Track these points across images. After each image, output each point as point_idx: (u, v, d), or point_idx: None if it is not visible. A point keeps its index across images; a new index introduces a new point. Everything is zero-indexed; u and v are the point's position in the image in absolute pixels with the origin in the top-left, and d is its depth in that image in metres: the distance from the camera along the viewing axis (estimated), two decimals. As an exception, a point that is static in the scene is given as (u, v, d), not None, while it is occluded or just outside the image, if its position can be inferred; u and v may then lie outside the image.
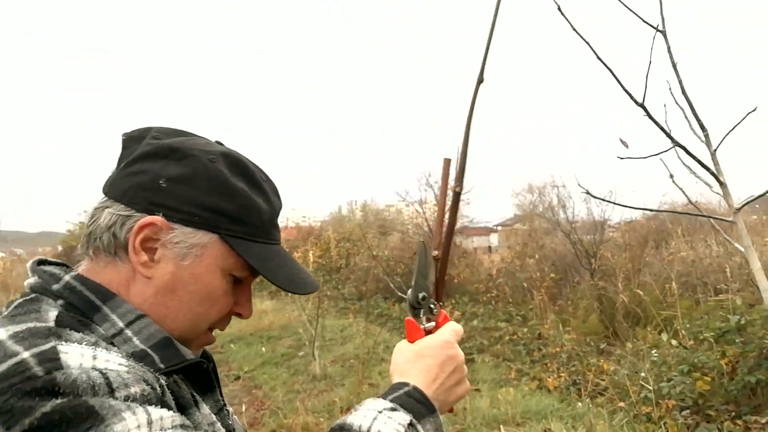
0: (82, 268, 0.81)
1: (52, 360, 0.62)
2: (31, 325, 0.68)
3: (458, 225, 16.91)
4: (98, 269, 0.80)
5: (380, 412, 0.76)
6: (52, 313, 0.71)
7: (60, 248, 19.62)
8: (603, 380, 5.43)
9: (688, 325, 5.39)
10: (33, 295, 0.76)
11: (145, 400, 0.65)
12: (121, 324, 0.75)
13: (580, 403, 4.45)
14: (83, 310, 0.75)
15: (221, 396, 0.91)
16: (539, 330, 8.17)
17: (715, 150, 2.55)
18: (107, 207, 0.79)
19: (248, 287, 0.88)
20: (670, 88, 2.50)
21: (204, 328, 0.84)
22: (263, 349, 7.87)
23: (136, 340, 0.75)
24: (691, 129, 2.60)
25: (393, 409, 0.76)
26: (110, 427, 0.60)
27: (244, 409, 5.42)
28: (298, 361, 7.02)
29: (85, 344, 0.67)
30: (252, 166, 0.86)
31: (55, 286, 0.76)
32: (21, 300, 0.76)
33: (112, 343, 0.73)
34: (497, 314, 9.76)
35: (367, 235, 18.46)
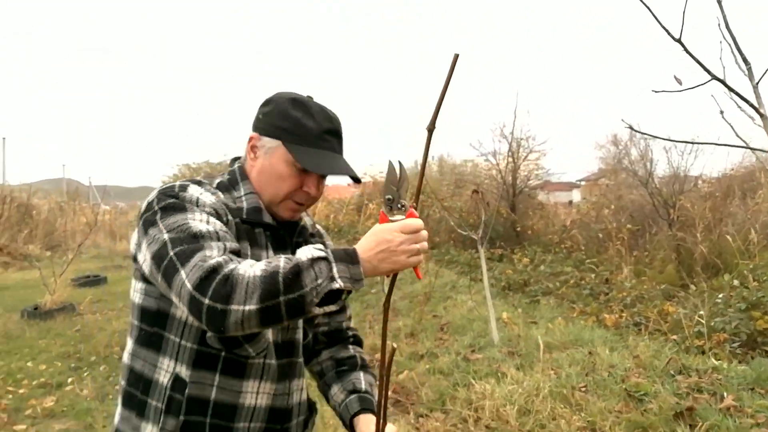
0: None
1: (184, 188, 1.24)
2: (199, 179, 1.33)
3: (538, 180, 16.67)
4: (244, 164, 1.38)
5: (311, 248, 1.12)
6: (219, 179, 1.35)
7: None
8: (666, 322, 5.52)
9: (751, 266, 5.35)
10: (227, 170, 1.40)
11: (211, 214, 1.21)
12: (242, 194, 1.33)
13: (632, 337, 4.63)
14: (232, 181, 1.35)
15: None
16: (607, 276, 8.22)
17: (757, 83, 2.64)
18: None
19: (314, 177, 1.33)
20: (719, 24, 2.59)
21: (281, 198, 1.32)
22: (339, 287, 8.47)
23: (243, 204, 1.32)
24: (736, 63, 2.68)
25: (321, 250, 1.10)
26: (188, 213, 1.17)
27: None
28: (370, 296, 7.55)
29: (204, 190, 1.26)
30: (310, 103, 1.34)
31: (231, 168, 1.39)
32: None
33: (230, 199, 1.32)
34: (567, 262, 9.84)
35: (442, 188, 18.68)
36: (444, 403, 3.61)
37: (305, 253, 1.09)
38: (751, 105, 2.69)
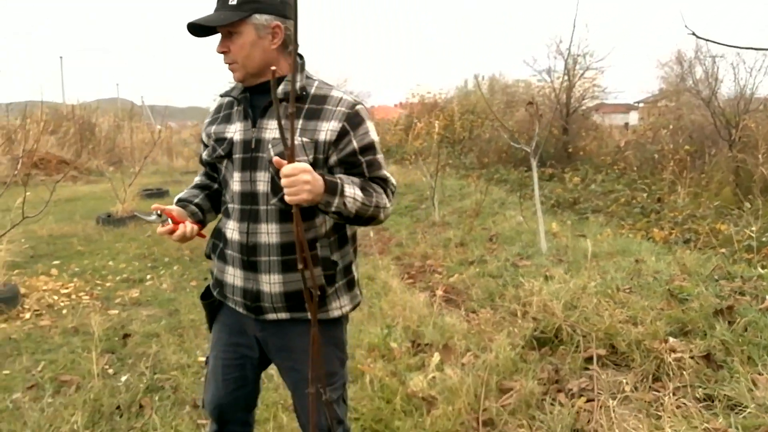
0: None
1: None
2: None
3: (594, 100, 16.11)
4: None
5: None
6: None
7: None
8: (717, 239, 5.54)
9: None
10: None
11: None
12: None
13: (679, 250, 4.71)
14: None
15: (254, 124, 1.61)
16: (660, 195, 8.15)
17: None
18: None
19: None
20: None
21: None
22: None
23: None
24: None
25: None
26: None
27: (373, 243, 6.34)
28: (419, 212, 7.79)
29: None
30: None
31: None
32: None
33: None
34: (619, 181, 9.74)
35: (492, 108, 18.34)
36: (493, 300, 3.87)
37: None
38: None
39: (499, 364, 2.85)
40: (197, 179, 1.87)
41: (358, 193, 1.48)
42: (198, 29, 1.54)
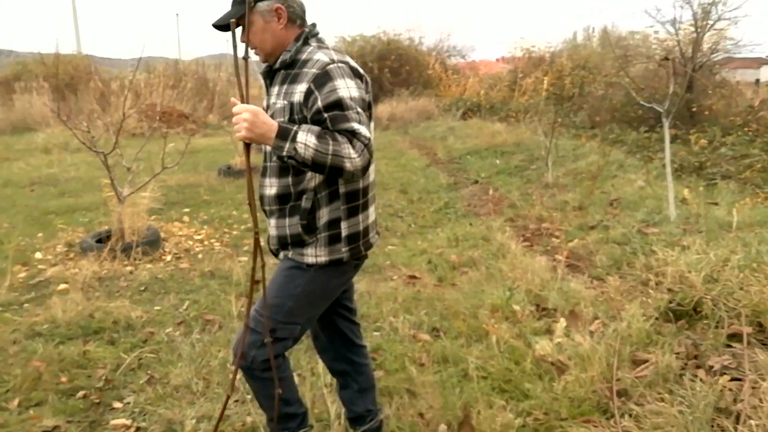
0: None
1: None
2: None
3: (724, 54, 14.63)
4: None
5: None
6: None
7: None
8: None
9: None
10: None
11: None
12: None
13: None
14: None
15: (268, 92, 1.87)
16: (803, 161, 7.35)
17: None
18: None
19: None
20: None
21: None
22: (497, 161, 8.56)
23: None
24: None
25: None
26: None
27: (483, 203, 6.29)
28: (530, 172, 7.57)
29: None
30: None
31: None
32: None
33: None
34: (753, 145, 8.88)
35: (606, 63, 17.21)
36: (619, 268, 3.73)
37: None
38: None
39: (632, 334, 2.76)
40: None
41: (311, 140, 1.54)
42: (222, 26, 1.73)
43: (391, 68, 18.02)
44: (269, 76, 1.84)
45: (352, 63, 1.75)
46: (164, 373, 2.80)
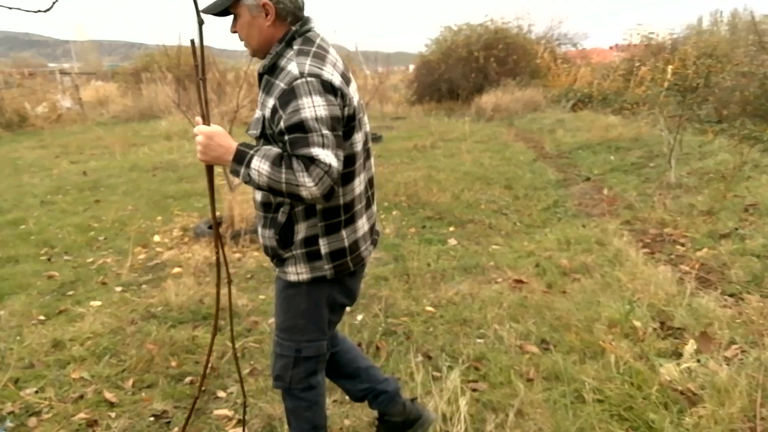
0: None
1: None
2: None
3: None
4: None
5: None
6: None
7: (412, 66, 22.26)
8: None
9: None
10: None
11: None
12: None
13: None
14: None
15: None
16: None
17: None
18: None
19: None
20: None
21: None
22: (611, 157, 8.00)
23: None
24: None
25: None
26: None
27: (596, 203, 5.88)
28: (649, 170, 6.99)
29: None
30: None
31: None
32: None
33: None
34: None
35: (737, 50, 15.62)
36: (760, 285, 3.29)
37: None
38: None
39: (780, 366, 2.40)
40: None
41: (264, 167, 1.49)
42: (218, 13, 1.66)
43: (498, 57, 17.48)
44: (259, 79, 1.73)
45: (326, 75, 1.55)
46: (266, 365, 2.82)
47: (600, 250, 4.21)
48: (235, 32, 1.69)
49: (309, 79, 1.52)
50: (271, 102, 1.58)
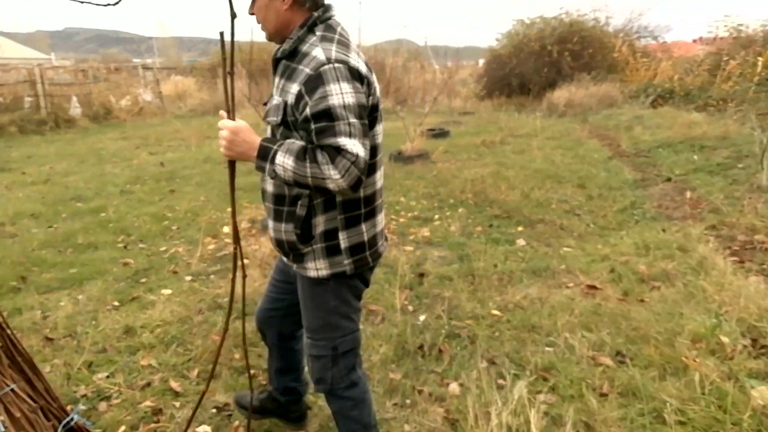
0: None
1: None
2: None
3: None
4: None
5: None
6: None
7: (482, 61, 21.90)
8: None
9: None
10: None
11: None
12: None
13: None
14: None
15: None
16: None
17: None
18: None
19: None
20: None
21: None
22: (695, 157, 7.50)
23: None
24: None
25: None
26: None
27: (678, 205, 5.51)
28: (737, 171, 6.49)
29: None
30: None
31: None
32: None
33: None
34: None
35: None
36: None
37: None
38: None
39: None
40: None
41: (289, 162, 1.46)
42: None
43: (572, 51, 16.85)
44: (274, 64, 1.67)
45: (353, 62, 1.51)
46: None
47: (682, 257, 3.92)
48: (252, 14, 1.66)
49: (337, 65, 1.48)
50: (295, 87, 1.53)
